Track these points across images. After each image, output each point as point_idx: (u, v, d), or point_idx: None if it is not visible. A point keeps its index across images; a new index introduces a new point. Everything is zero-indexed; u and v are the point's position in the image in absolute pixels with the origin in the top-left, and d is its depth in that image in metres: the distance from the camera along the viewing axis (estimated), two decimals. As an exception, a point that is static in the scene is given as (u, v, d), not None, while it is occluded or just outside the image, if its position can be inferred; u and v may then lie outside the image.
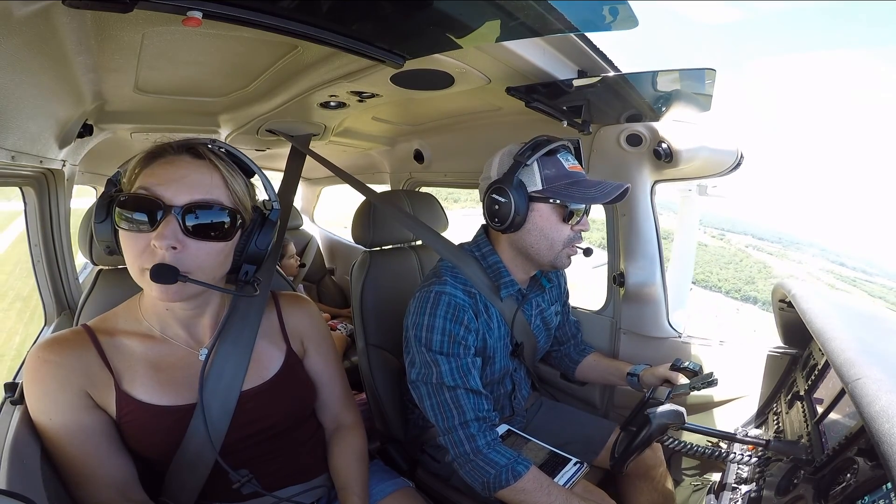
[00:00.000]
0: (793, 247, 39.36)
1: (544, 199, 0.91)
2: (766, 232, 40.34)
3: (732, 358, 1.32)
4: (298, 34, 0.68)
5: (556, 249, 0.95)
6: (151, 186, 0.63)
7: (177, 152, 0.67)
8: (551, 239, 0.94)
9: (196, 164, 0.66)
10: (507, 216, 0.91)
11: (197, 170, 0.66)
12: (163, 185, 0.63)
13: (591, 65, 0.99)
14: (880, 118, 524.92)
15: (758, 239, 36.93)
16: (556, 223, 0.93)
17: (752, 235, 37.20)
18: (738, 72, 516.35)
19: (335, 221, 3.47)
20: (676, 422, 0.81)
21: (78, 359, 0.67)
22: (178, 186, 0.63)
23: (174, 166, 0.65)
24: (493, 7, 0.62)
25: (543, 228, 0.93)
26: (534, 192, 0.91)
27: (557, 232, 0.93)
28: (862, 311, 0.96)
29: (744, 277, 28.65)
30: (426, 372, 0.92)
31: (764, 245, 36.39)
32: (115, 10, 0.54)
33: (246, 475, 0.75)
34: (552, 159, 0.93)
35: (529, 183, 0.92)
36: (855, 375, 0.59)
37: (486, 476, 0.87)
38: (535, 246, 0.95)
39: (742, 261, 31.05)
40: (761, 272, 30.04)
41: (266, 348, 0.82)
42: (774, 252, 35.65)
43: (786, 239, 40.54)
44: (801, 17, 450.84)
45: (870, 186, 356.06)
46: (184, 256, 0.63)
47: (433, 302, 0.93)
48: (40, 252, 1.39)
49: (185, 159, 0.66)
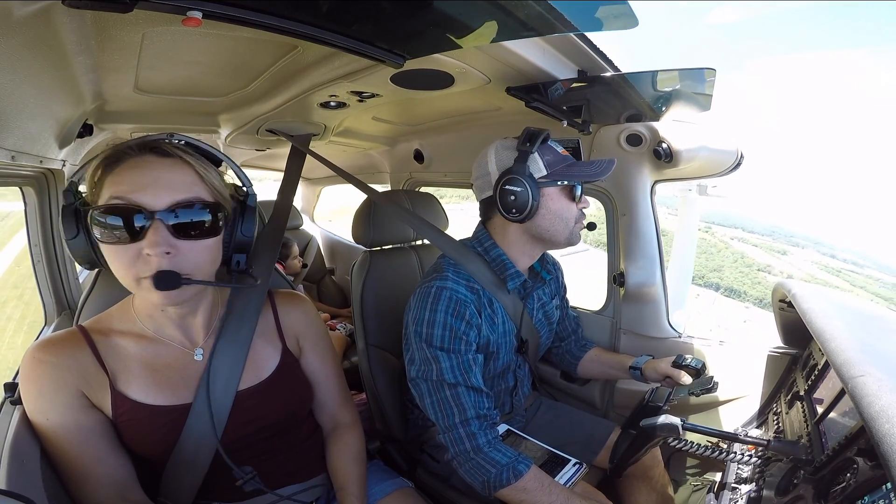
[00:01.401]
0: (783, 239, 39.79)
1: (552, 183, 0.94)
2: (760, 226, 40.87)
3: (732, 358, 1.32)
4: (298, 34, 0.68)
5: (570, 227, 0.99)
6: (126, 194, 0.60)
7: (139, 153, 0.63)
8: (566, 218, 0.97)
9: (165, 163, 0.64)
10: (524, 205, 0.93)
11: (169, 169, 0.64)
12: (139, 190, 0.60)
13: (591, 65, 1.00)
14: (878, 116, 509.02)
15: (747, 232, 37.25)
16: (566, 203, 0.97)
17: (741, 228, 37.43)
18: (738, 72, 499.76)
19: (319, 215, 3.48)
20: (671, 434, 0.82)
21: (73, 359, 0.67)
22: (156, 190, 0.61)
23: (143, 169, 0.62)
24: (493, 7, 0.62)
25: (557, 210, 0.96)
26: (541, 177, 0.94)
27: (569, 211, 0.97)
28: (862, 311, 0.96)
29: (712, 266, 29.13)
30: (426, 369, 0.92)
31: (751, 237, 36.73)
32: (115, 10, 0.54)
33: (250, 472, 0.76)
34: (546, 146, 0.97)
35: (535, 170, 0.94)
36: (855, 375, 0.59)
37: (486, 475, 0.87)
38: (552, 228, 0.98)
39: (721, 251, 31.39)
40: (736, 262, 30.49)
41: (262, 347, 0.82)
42: (759, 244, 36.09)
43: (778, 232, 40.98)
44: (800, 18, 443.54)
45: (870, 182, 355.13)
46: (179, 259, 0.62)
47: (434, 297, 0.94)
48: (40, 252, 1.39)
49: (150, 160, 0.63)
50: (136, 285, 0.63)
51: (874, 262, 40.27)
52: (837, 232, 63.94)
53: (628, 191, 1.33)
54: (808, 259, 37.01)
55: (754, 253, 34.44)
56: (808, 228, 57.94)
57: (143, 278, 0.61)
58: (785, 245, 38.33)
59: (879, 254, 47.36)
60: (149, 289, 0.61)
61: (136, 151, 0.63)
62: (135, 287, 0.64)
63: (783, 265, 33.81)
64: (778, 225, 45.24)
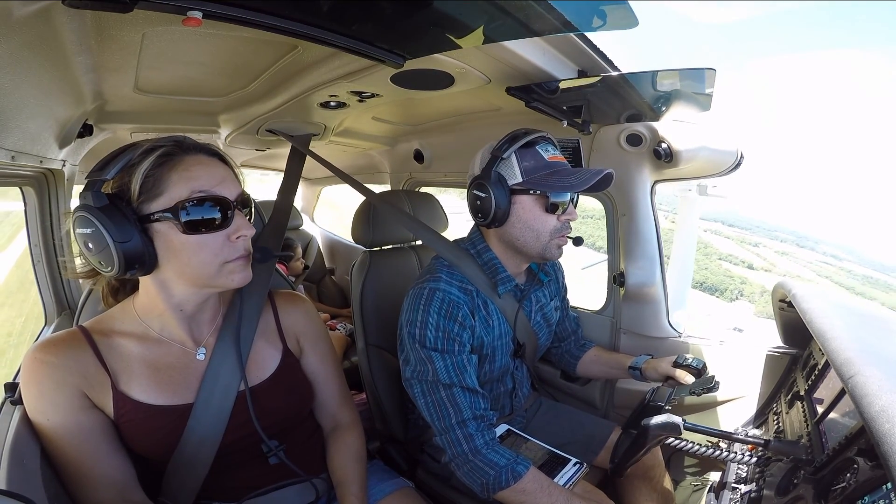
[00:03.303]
0: (763, 233, 40.34)
1: (525, 192, 0.92)
2: (744, 221, 41.50)
3: (732, 358, 1.32)
4: (298, 34, 0.68)
5: (543, 240, 0.95)
6: (208, 188, 0.66)
7: (195, 153, 0.68)
8: (536, 230, 0.94)
9: (216, 161, 0.70)
10: (488, 210, 0.92)
11: (223, 167, 0.71)
12: (218, 185, 0.67)
13: (591, 65, 1.00)
14: (877, 115, 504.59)
15: (727, 226, 37.61)
16: (539, 214, 0.94)
17: (721, 222, 37.67)
18: (738, 72, 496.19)
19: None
20: (673, 433, 0.81)
21: (74, 359, 0.67)
22: (227, 184, 0.68)
23: (209, 166, 0.68)
24: (494, 7, 0.62)
25: (528, 220, 0.94)
26: (514, 184, 0.93)
27: (542, 223, 0.94)
28: (862, 311, 0.96)
29: (667, 252, 30.46)
30: (421, 369, 0.92)
31: (727, 230, 37.23)
32: (115, 10, 0.54)
33: (276, 445, 0.79)
34: (530, 151, 0.94)
35: (510, 176, 0.93)
36: (854, 375, 0.59)
37: (485, 477, 0.87)
38: (521, 238, 0.96)
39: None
40: (699, 251, 31.53)
41: (263, 347, 0.82)
42: (731, 236, 36.60)
43: (763, 228, 41.54)
44: (801, 17, 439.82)
45: (865, 180, 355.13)
46: (249, 243, 0.71)
47: (426, 298, 0.93)
48: (40, 252, 1.39)
49: (205, 159, 0.69)
50: (218, 270, 0.68)
51: (859, 256, 41.14)
52: (829, 228, 65.19)
53: (628, 191, 1.33)
54: (780, 250, 37.86)
55: (723, 244, 35.07)
56: (799, 225, 59.01)
57: (231, 261, 0.68)
58: (762, 238, 39.06)
59: (866, 249, 48.41)
60: (234, 270, 0.69)
61: (191, 151, 0.68)
62: (216, 273, 0.68)
63: (748, 255, 34.58)
64: (762, 220, 45.85)
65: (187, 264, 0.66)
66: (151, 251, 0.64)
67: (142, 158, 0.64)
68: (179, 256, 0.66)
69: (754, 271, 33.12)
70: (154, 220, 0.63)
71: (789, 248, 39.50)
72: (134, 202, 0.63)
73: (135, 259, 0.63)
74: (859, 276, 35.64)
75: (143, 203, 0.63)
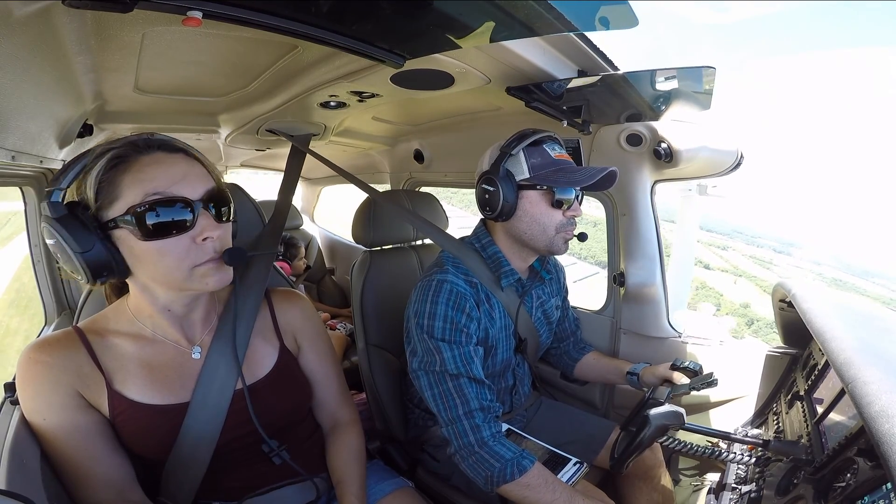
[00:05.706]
0: (742, 238, 41.49)
1: (532, 186, 0.95)
2: (718, 224, 42.90)
3: (732, 358, 1.32)
4: (298, 34, 0.68)
5: (549, 234, 0.97)
6: (164, 189, 0.61)
7: (149, 151, 0.63)
8: (543, 224, 0.96)
9: (178, 157, 0.65)
10: (496, 204, 0.95)
11: (187, 163, 0.65)
12: (176, 183, 0.62)
13: (591, 65, 1.00)
14: (878, 116, 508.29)
15: (705, 231, 38.81)
16: (546, 209, 0.96)
17: (699, 227, 39.64)
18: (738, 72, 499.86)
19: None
20: (676, 423, 0.81)
21: (68, 359, 0.66)
22: (189, 181, 0.63)
23: (167, 164, 0.63)
24: (493, 7, 0.62)
25: (534, 214, 0.96)
26: (521, 180, 0.95)
27: (548, 217, 0.96)
28: (862, 311, 0.96)
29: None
30: (429, 360, 0.93)
31: (703, 235, 38.55)
32: (115, 10, 0.54)
33: (277, 445, 0.78)
34: (538, 149, 0.96)
35: (517, 172, 0.95)
36: (854, 375, 0.59)
37: (490, 470, 0.86)
38: (528, 232, 0.98)
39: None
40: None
41: (260, 346, 0.82)
42: (703, 239, 37.98)
43: (737, 231, 42.79)
44: (800, 17, 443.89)
45: (856, 181, 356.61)
46: (219, 243, 0.66)
47: (435, 289, 0.95)
48: (40, 252, 1.39)
49: (163, 156, 0.64)
50: (188, 275, 0.64)
51: (839, 260, 42.50)
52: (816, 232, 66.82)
53: (628, 191, 1.33)
54: (746, 253, 39.25)
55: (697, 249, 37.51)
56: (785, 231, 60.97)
57: (200, 265, 0.64)
58: (734, 243, 40.51)
59: (849, 253, 49.91)
60: (206, 274, 0.64)
61: (146, 150, 0.63)
62: (187, 277, 0.64)
63: (711, 255, 35.51)
64: (748, 226, 47.24)
65: (154, 271, 0.64)
66: (118, 258, 0.62)
67: (94, 163, 0.61)
68: (144, 263, 0.63)
69: (711, 271, 33.75)
70: (113, 227, 0.61)
71: (760, 252, 40.71)
72: (92, 209, 0.61)
73: (101, 267, 0.61)
74: (828, 279, 36.48)
75: (101, 210, 0.61)
